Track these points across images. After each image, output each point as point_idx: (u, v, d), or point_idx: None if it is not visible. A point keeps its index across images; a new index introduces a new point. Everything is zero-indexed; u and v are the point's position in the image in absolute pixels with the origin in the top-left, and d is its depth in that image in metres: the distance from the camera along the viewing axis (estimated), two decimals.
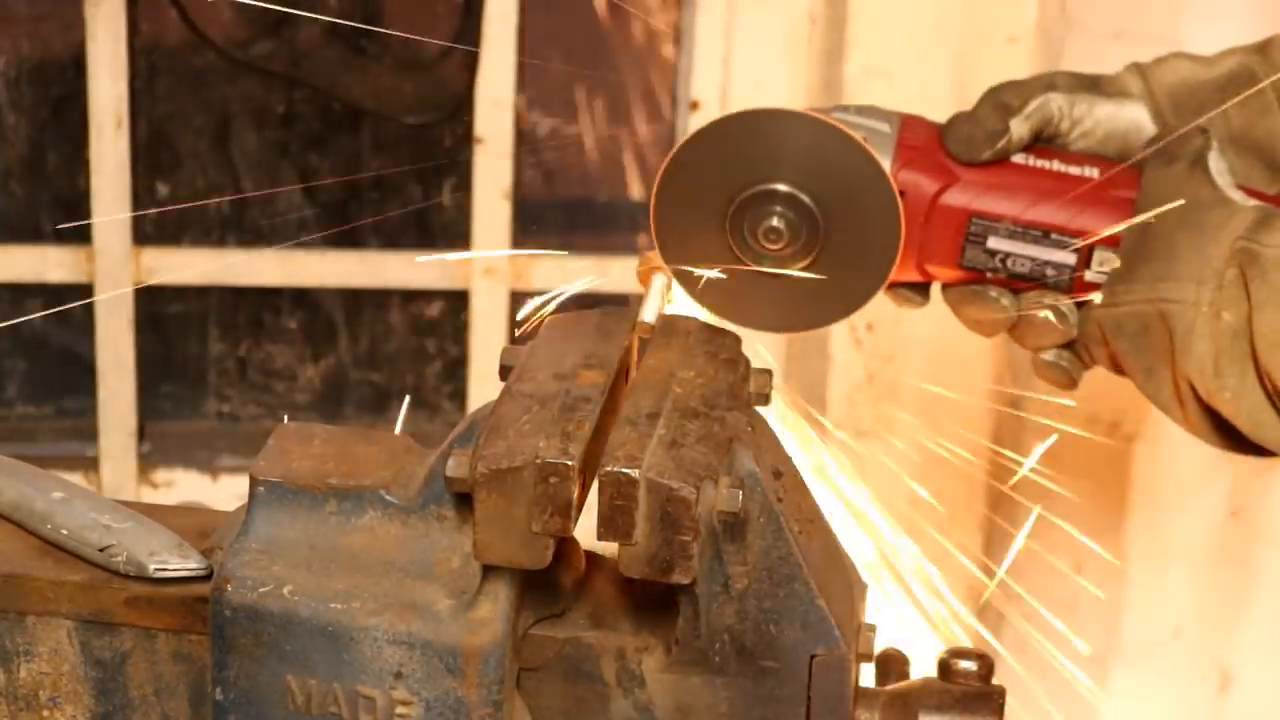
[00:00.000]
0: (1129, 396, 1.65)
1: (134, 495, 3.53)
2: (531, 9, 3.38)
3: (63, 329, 3.59)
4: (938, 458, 3.13)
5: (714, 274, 1.60)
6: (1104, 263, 1.60)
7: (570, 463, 1.26)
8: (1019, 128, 1.63)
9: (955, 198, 1.62)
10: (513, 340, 2.05)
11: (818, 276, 1.60)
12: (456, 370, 3.67)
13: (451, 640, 1.33)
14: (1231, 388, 1.51)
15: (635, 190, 3.63)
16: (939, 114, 1.68)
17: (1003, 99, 1.64)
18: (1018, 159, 1.64)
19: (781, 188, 1.58)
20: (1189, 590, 3.13)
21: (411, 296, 3.64)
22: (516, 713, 1.37)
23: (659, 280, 1.56)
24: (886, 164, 1.60)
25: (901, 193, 1.59)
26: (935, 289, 1.70)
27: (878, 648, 1.44)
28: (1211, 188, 1.57)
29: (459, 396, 3.67)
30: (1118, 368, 1.61)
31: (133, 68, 3.40)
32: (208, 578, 1.41)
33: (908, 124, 1.65)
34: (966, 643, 2.73)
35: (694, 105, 3.44)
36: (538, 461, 1.26)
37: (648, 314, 1.51)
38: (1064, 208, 1.61)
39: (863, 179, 1.57)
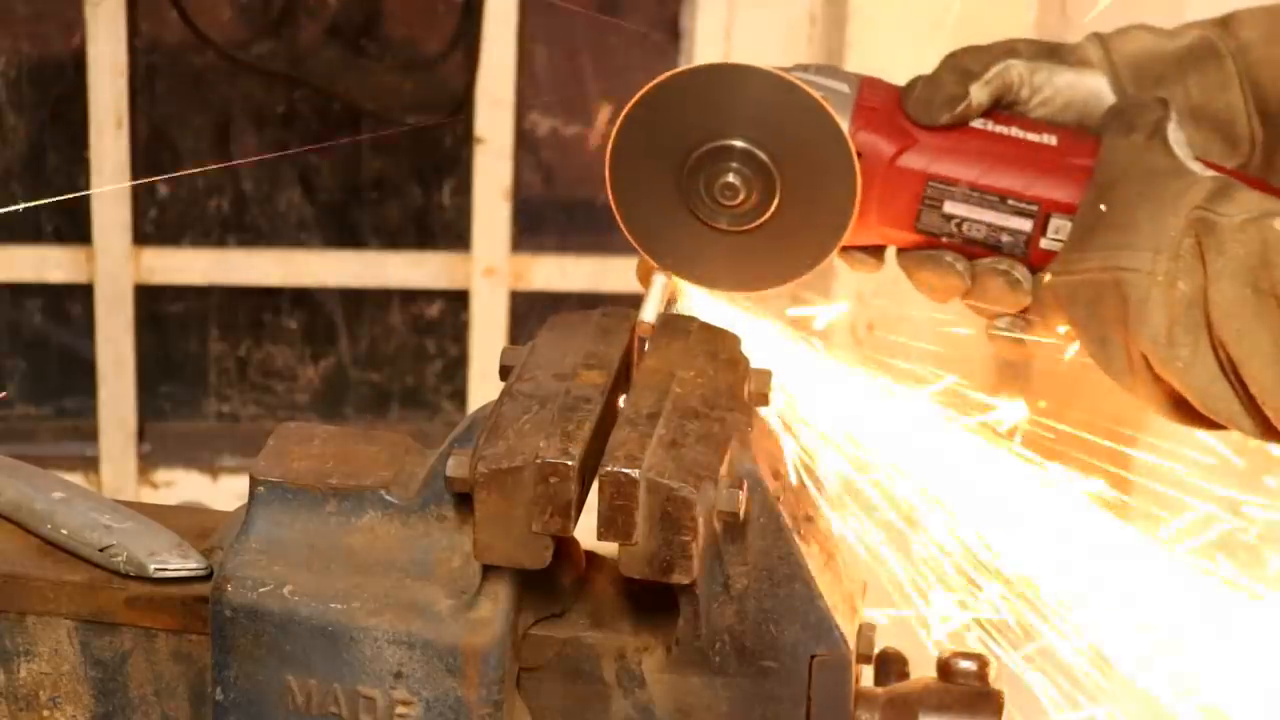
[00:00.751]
0: (1128, 398, 1.65)
1: (134, 495, 3.53)
2: (532, 9, 3.38)
3: (63, 329, 3.59)
4: None
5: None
6: (1060, 230, 1.59)
7: (570, 463, 1.26)
8: (979, 93, 1.63)
9: (912, 160, 1.61)
10: (512, 340, 2.06)
11: (772, 234, 1.59)
12: (456, 370, 3.67)
13: (451, 640, 1.33)
14: (1184, 358, 1.50)
15: None
16: None
17: (963, 64, 1.63)
18: (977, 124, 1.63)
19: (738, 143, 1.56)
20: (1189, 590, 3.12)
21: (411, 296, 3.64)
22: (516, 713, 1.37)
23: (659, 280, 1.56)
24: (845, 124, 1.58)
25: (859, 153, 1.58)
26: (891, 253, 1.68)
27: (878, 647, 1.44)
28: (1170, 157, 1.57)
29: (459, 396, 3.67)
30: (1071, 335, 1.61)
31: (133, 68, 3.40)
32: (208, 578, 1.41)
33: (867, 85, 1.63)
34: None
35: None
36: (538, 461, 1.26)
37: (648, 314, 1.51)
38: (1021, 174, 1.61)
39: (820, 138, 1.56)
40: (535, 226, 3.59)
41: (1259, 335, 1.47)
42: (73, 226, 3.50)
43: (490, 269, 3.49)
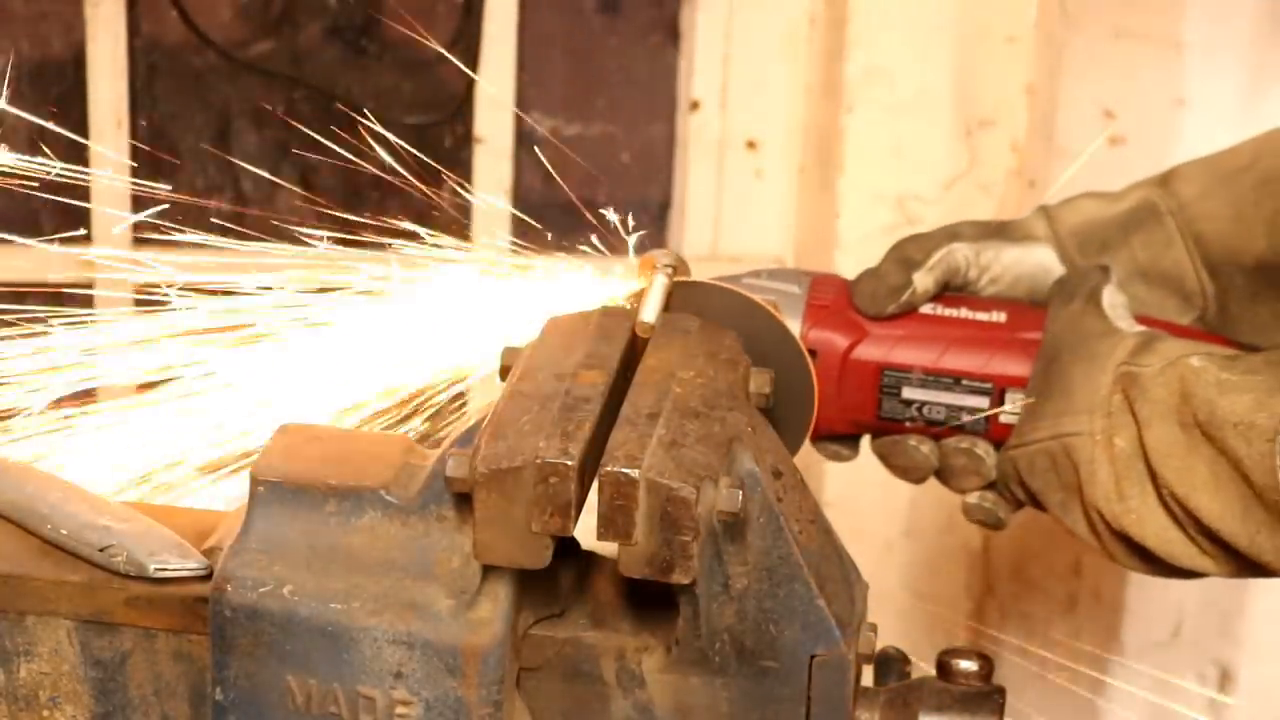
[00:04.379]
0: None
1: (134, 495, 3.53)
2: (531, 9, 3.38)
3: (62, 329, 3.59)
4: None
5: None
6: (1016, 403, 1.67)
7: (570, 463, 1.26)
8: (923, 280, 1.70)
9: (866, 352, 1.69)
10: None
11: None
12: None
13: (451, 640, 1.33)
14: (1135, 510, 1.56)
15: (636, 191, 3.63)
16: (938, 115, 1.70)
17: (906, 253, 1.72)
18: (926, 309, 1.71)
19: None
20: (1189, 590, 3.13)
21: None
22: (516, 713, 1.37)
23: (659, 280, 1.56)
24: (796, 325, 1.67)
25: (813, 351, 1.66)
26: (866, 440, 1.75)
27: (877, 647, 1.44)
28: (1102, 320, 1.64)
29: (459, 397, 3.67)
30: (1038, 503, 1.65)
31: (133, 68, 3.40)
32: (208, 578, 1.41)
33: (817, 284, 1.72)
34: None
35: (694, 105, 3.44)
36: (538, 461, 1.26)
37: (648, 314, 1.51)
38: (972, 354, 1.68)
39: (774, 343, 1.61)
40: (535, 227, 3.58)
41: (1196, 468, 1.51)
42: (73, 226, 3.49)
43: (489, 269, 3.49)
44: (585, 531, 1.30)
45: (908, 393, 1.69)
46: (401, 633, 1.33)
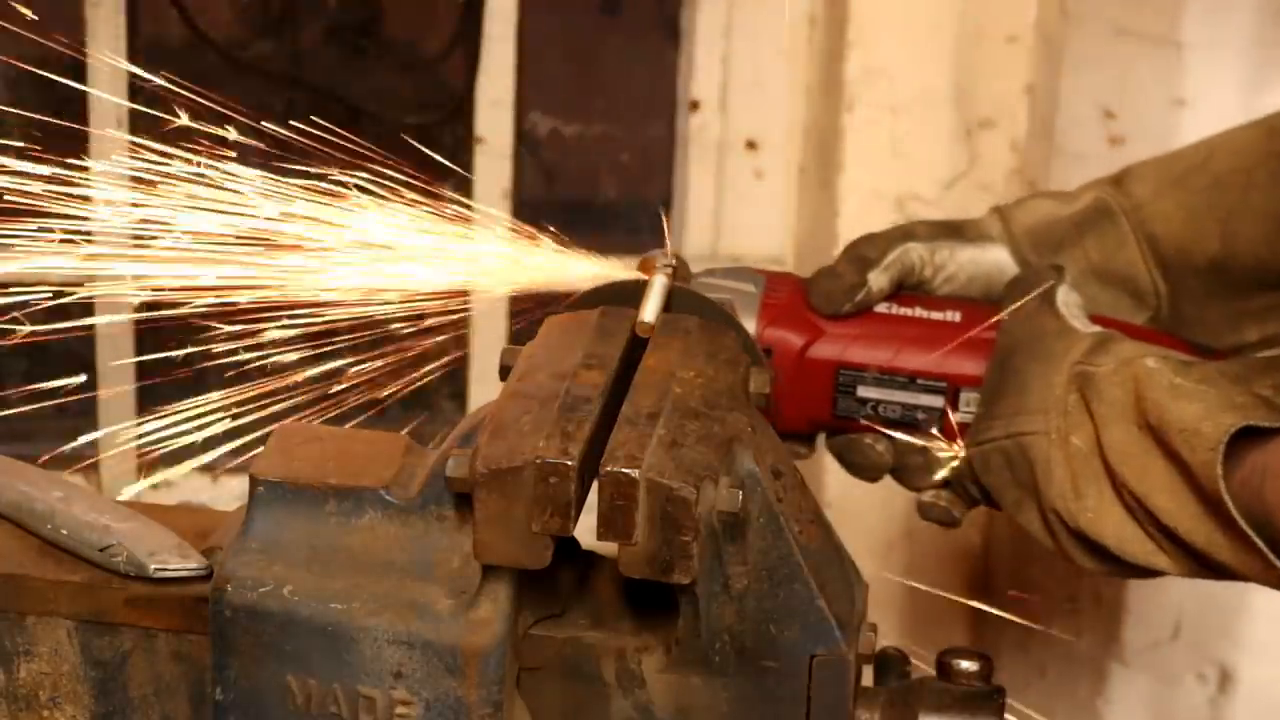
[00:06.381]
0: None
1: (134, 495, 3.53)
2: (531, 9, 3.38)
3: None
4: None
5: None
6: (970, 403, 1.68)
7: (570, 463, 1.26)
8: (878, 279, 1.71)
9: (821, 350, 1.70)
10: (512, 340, 2.06)
11: None
12: (456, 370, 3.66)
13: (451, 640, 1.33)
14: (1092, 508, 1.56)
15: (635, 191, 3.63)
16: (938, 115, 1.71)
17: (860, 252, 1.73)
18: (881, 308, 1.72)
19: None
20: (1189, 590, 3.13)
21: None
22: (516, 713, 1.37)
23: (659, 280, 1.56)
24: (752, 324, 1.67)
25: (768, 350, 1.67)
26: (821, 437, 1.75)
27: (877, 647, 1.44)
28: (1057, 320, 1.64)
29: (459, 396, 3.67)
30: (993, 502, 1.66)
31: None
32: (208, 578, 1.41)
33: (773, 282, 1.72)
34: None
35: (694, 105, 3.44)
36: (538, 461, 1.26)
37: (648, 314, 1.51)
38: (927, 353, 1.69)
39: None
40: (535, 227, 3.58)
41: (1152, 467, 1.52)
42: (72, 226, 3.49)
43: (490, 269, 3.48)
44: (585, 531, 1.30)
45: (863, 391, 1.69)
46: (401, 633, 1.33)
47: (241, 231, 1.69)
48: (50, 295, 1.83)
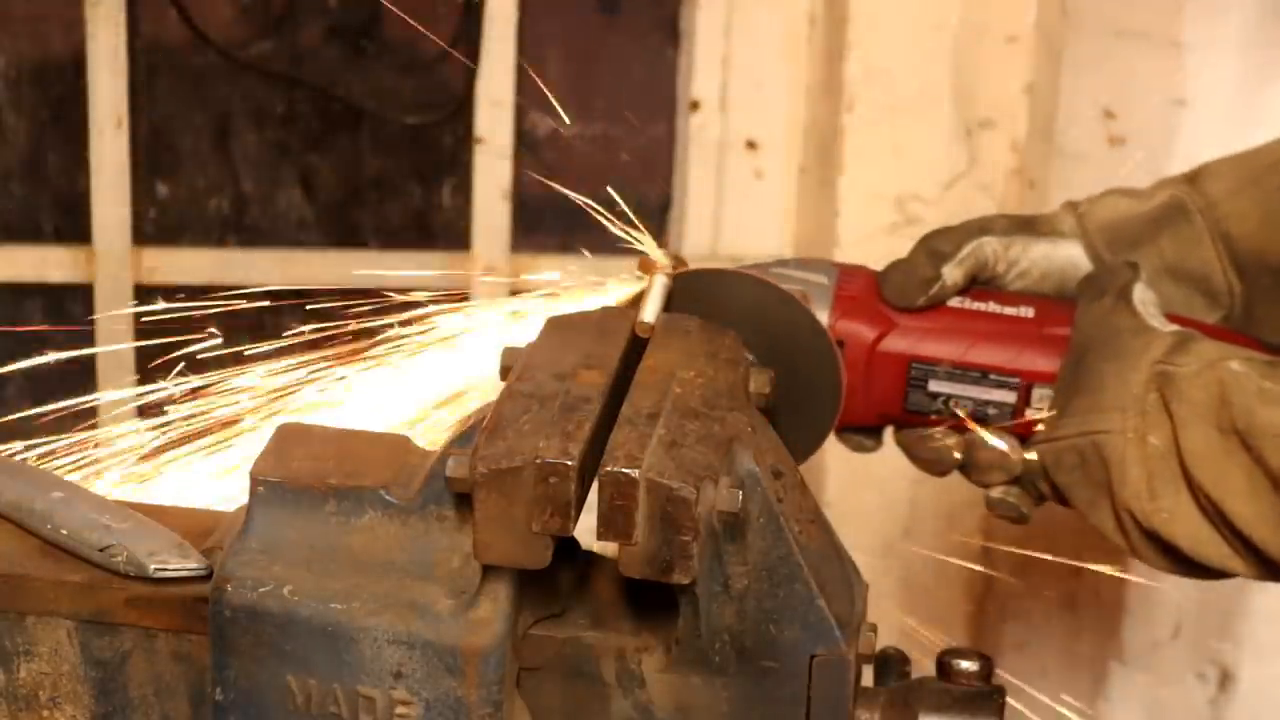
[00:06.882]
0: None
1: (134, 495, 3.53)
2: (531, 9, 3.38)
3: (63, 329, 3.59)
4: None
5: None
6: (1043, 399, 1.66)
7: (570, 463, 1.26)
8: (952, 273, 1.69)
9: (894, 344, 1.68)
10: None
11: None
12: None
13: (451, 640, 1.33)
14: (1168, 508, 1.55)
15: (636, 191, 3.63)
16: (938, 115, 1.70)
17: (935, 245, 1.71)
18: (954, 302, 1.70)
19: None
20: (1189, 590, 3.13)
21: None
22: (516, 713, 1.37)
23: (659, 280, 1.56)
24: (825, 316, 1.66)
25: (840, 342, 1.65)
26: (889, 431, 1.75)
27: (877, 647, 1.44)
28: (1133, 317, 1.63)
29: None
30: (1063, 500, 1.65)
31: (133, 68, 3.40)
32: (208, 578, 1.41)
33: (845, 274, 1.71)
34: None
35: (694, 105, 3.44)
36: (537, 461, 1.26)
37: (648, 314, 1.51)
38: (1000, 348, 1.68)
39: (803, 333, 1.63)
40: (535, 226, 3.58)
41: (1232, 473, 1.51)
42: (73, 226, 3.50)
43: (490, 269, 3.49)
44: (585, 531, 1.30)
45: (934, 385, 1.68)
46: (401, 633, 1.33)
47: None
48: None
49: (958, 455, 1.69)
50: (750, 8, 3.36)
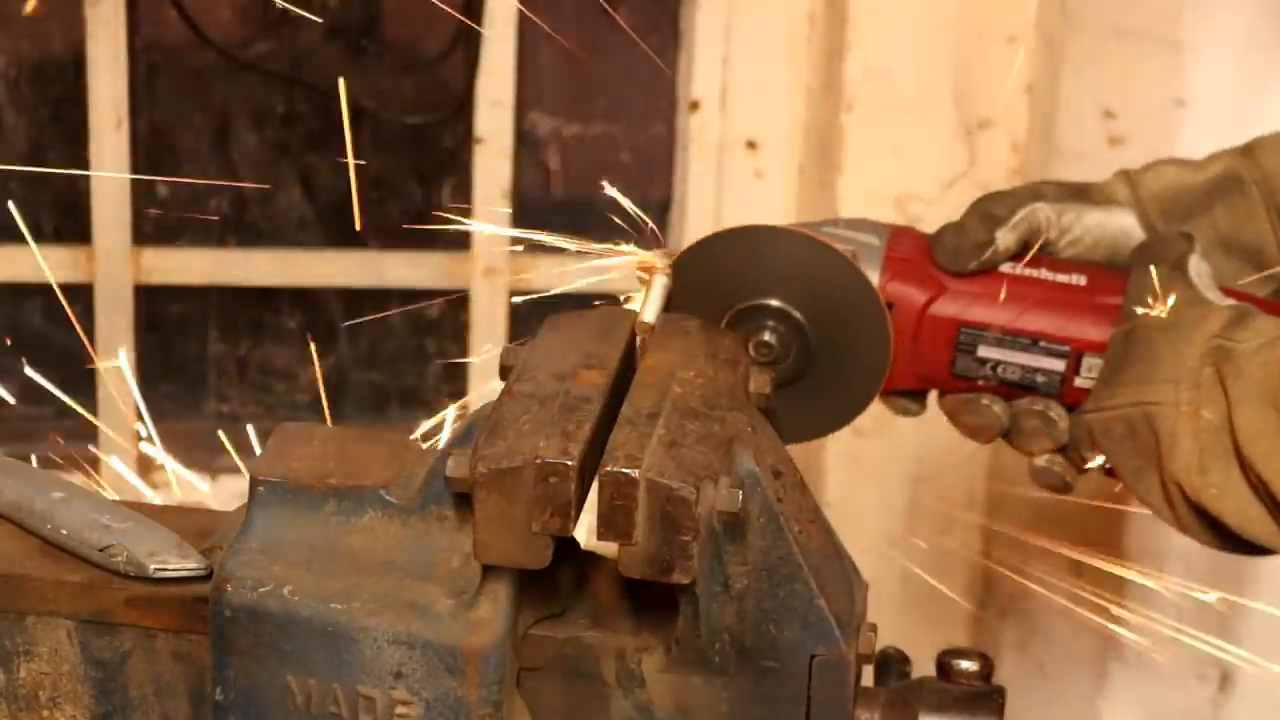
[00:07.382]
0: None
1: (134, 495, 3.53)
2: (531, 9, 3.38)
3: (63, 329, 3.59)
4: (940, 450, 3.13)
5: None
6: (1092, 368, 1.65)
7: (570, 463, 1.26)
8: (1005, 238, 1.67)
9: (944, 308, 1.66)
10: (512, 340, 2.06)
11: (811, 386, 1.63)
12: (456, 370, 3.66)
13: (451, 640, 1.33)
14: (1217, 484, 1.54)
15: (636, 191, 3.63)
16: (938, 115, 1.70)
17: (989, 209, 1.69)
18: (1005, 268, 1.68)
19: (773, 303, 1.61)
20: (1188, 590, 3.13)
21: (412, 296, 3.63)
22: (516, 713, 1.37)
23: (659, 280, 1.56)
24: (875, 277, 1.64)
25: (890, 304, 1.63)
26: (932, 396, 1.73)
27: (878, 647, 1.44)
28: (1189, 289, 1.61)
29: (459, 396, 3.67)
30: (1109, 470, 1.64)
31: (133, 68, 3.40)
32: (208, 578, 1.41)
33: (896, 236, 1.69)
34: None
35: (694, 105, 3.44)
36: (538, 461, 1.26)
37: (648, 314, 1.51)
38: (1051, 315, 1.66)
39: (852, 293, 1.61)
40: (535, 226, 3.58)
41: None
42: (73, 226, 3.50)
43: (490, 269, 3.49)
44: (585, 531, 1.30)
45: (984, 351, 1.66)
46: (401, 633, 1.33)
47: None
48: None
49: (1004, 422, 1.67)
50: (750, 8, 3.36)
